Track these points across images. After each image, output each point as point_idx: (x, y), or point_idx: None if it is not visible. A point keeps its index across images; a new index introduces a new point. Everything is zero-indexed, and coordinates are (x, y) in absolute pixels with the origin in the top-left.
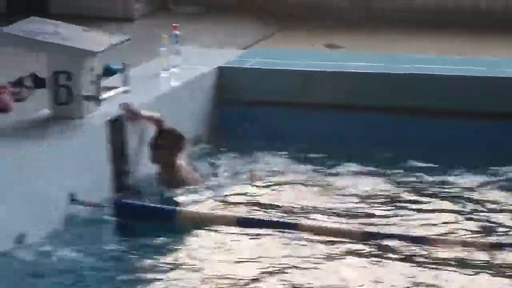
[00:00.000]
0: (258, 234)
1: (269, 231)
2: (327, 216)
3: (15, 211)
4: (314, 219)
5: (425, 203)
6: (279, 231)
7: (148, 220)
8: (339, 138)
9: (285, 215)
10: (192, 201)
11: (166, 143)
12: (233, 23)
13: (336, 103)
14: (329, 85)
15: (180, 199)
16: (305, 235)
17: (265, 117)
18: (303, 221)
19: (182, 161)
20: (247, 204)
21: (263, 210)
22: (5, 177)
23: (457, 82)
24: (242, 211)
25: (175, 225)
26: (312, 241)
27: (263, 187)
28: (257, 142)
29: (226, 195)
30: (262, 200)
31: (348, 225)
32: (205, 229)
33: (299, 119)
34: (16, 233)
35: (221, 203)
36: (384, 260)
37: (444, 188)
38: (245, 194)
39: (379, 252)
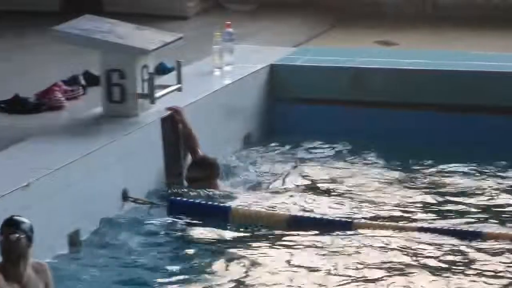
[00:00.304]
0: (311, 233)
1: (322, 229)
2: (381, 213)
3: (69, 208)
4: (367, 217)
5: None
6: (333, 230)
7: (201, 218)
8: (392, 135)
9: (338, 213)
10: (245, 200)
11: (201, 174)
12: (287, 20)
13: (388, 101)
14: (381, 82)
15: (232, 198)
16: (359, 233)
17: (317, 114)
18: (357, 219)
19: (219, 184)
20: (298, 201)
21: (315, 207)
22: (59, 176)
23: None
24: (294, 209)
25: (229, 223)
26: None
27: (315, 184)
28: (309, 138)
29: (278, 193)
30: (315, 197)
31: (403, 220)
32: (258, 227)
33: (351, 116)
34: (71, 230)
35: (273, 202)
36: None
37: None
38: (297, 191)
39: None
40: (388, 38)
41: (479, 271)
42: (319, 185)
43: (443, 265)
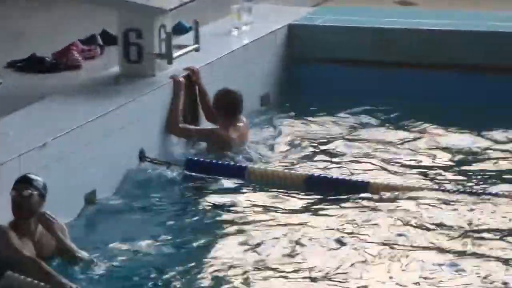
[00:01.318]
0: (327, 194)
1: (339, 190)
2: (398, 174)
3: (86, 168)
4: (384, 178)
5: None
6: (350, 190)
7: (218, 177)
8: (411, 95)
9: (356, 174)
10: (260, 160)
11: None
12: None
13: (407, 61)
14: (401, 42)
15: (248, 157)
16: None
17: (336, 74)
18: (374, 180)
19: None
20: (315, 161)
21: (332, 168)
22: (76, 136)
23: None
24: (311, 169)
25: (245, 181)
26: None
27: (332, 144)
28: (327, 99)
29: (295, 153)
30: (332, 157)
31: (418, 181)
32: (275, 186)
33: (371, 76)
34: (88, 189)
35: (289, 162)
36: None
37: None
38: (312, 152)
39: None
40: None
41: (497, 232)
42: (336, 145)
43: (461, 226)
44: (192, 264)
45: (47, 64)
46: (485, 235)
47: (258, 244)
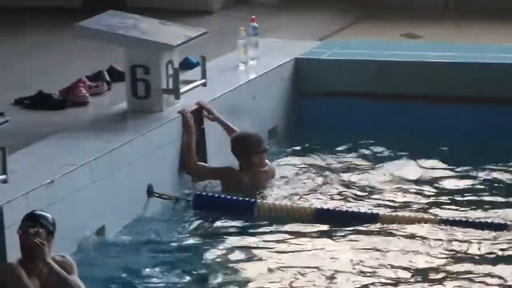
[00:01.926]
0: (338, 227)
1: (349, 222)
2: (405, 207)
3: (94, 205)
4: (392, 211)
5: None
6: (359, 223)
7: (227, 212)
8: (417, 128)
9: (364, 207)
10: (270, 195)
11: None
12: (312, 14)
13: (414, 93)
14: (406, 75)
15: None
16: (386, 226)
17: (343, 107)
18: (384, 212)
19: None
20: (324, 195)
21: (341, 201)
22: (84, 172)
23: None
24: (320, 203)
25: (254, 217)
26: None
27: (340, 178)
28: (334, 132)
29: (303, 187)
30: (340, 190)
31: (426, 213)
32: (285, 221)
33: (376, 109)
34: (96, 226)
35: (298, 196)
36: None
37: None
38: (321, 185)
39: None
40: (412, 31)
41: (504, 262)
42: (344, 179)
43: (469, 257)
44: None
45: (54, 101)
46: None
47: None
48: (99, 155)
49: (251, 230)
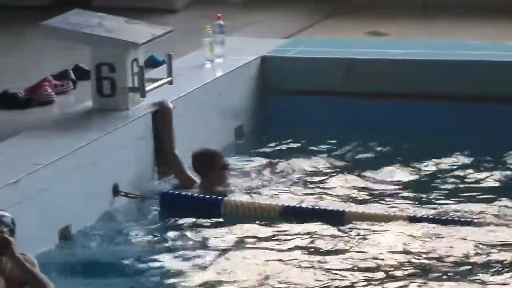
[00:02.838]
0: (304, 224)
1: (315, 220)
2: (373, 204)
3: (60, 204)
4: (359, 208)
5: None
6: (325, 220)
7: (194, 210)
8: (383, 127)
9: (331, 204)
10: (236, 193)
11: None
12: (278, 12)
13: (381, 91)
14: (373, 72)
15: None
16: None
17: (309, 105)
18: (350, 209)
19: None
20: (291, 193)
21: (308, 198)
22: (49, 171)
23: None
24: (286, 201)
25: (221, 216)
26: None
27: (307, 176)
28: (301, 130)
29: (270, 185)
30: (307, 188)
31: (392, 209)
32: (251, 219)
33: (343, 107)
34: (61, 225)
35: (265, 194)
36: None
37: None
38: (287, 184)
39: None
40: (378, 28)
41: (472, 259)
42: (311, 177)
43: (434, 255)
44: None
45: (19, 100)
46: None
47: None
48: (64, 154)
49: (217, 228)
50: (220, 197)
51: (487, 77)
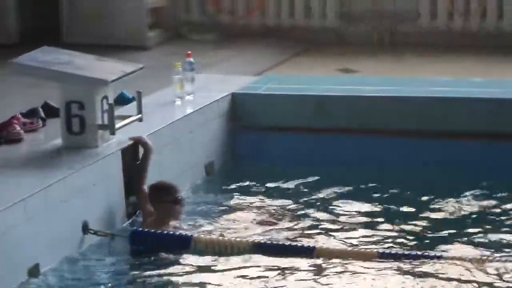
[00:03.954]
0: (274, 260)
1: (287, 256)
2: (345, 241)
3: (29, 242)
4: (330, 244)
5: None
6: (296, 256)
7: (164, 248)
8: (354, 162)
9: (301, 240)
10: (206, 228)
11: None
12: (249, 50)
13: (349, 127)
14: (343, 109)
15: (195, 225)
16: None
17: (279, 142)
18: (321, 245)
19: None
20: (261, 229)
21: (278, 235)
22: (18, 209)
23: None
24: (256, 237)
25: (190, 252)
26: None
27: (277, 212)
28: (271, 167)
29: (240, 221)
30: (278, 225)
31: (363, 247)
32: (222, 256)
33: (313, 143)
34: (30, 264)
35: (235, 230)
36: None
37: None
38: (259, 219)
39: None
40: (349, 66)
41: None
42: (282, 213)
43: None
44: None
45: None
46: None
47: None
48: (33, 192)
49: (187, 265)
50: (190, 234)
51: (456, 113)
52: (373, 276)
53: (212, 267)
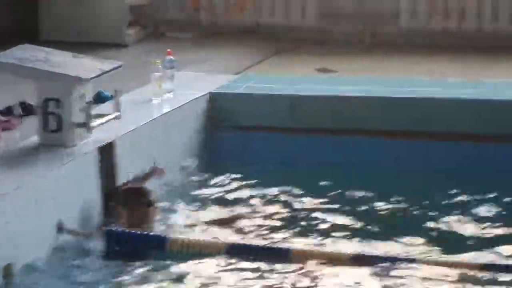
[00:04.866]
0: (249, 261)
1: (262, 257)
2: (321, 241)
3: (3, 241)
4: (305, 244)
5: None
6: (272, 257)
7: (139, 247)
8: (330, 162)
9: (278, 241)
10: (182, 229)
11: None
12: (229, 48)
13: (326, 127)
14: (319, 109)
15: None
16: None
17: (256, 141)
18: (296, 246)
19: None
20: (237, 229)
21: (255, 235)
22: None
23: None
24: (233, 237)
25: (166, 253)
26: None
27: (254, 211)
28: (249, 166)
29: (216, 221)
30: (255, 225)
31: (337, 248)
32: (196, 257)
33: (290, 143)
34: (4, 263)
35: (211, 230)
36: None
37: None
38: (235, 220)
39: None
40: (328, 65)
41: None
42: (258, 213)
43: None
44: None
45: None
46: None
47: None
48: (8, 191)
49: (163, 265)
50: (164, 235)
51: (435, 114)
52: (348, 278)
53: (187, 268)
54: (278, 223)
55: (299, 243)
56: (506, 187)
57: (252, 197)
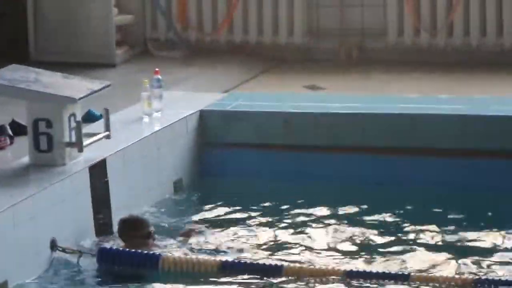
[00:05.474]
0: (243, 279)
1: (255, 274)
2: (312, 258)
3: None
4: (299, 262)
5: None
6: (264, 275)
7: (132, 266)
8: (321, 179)
9: (269, 258)
10: (175, 249)
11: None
12: (217, 67)
13: (317, 144)
14: (310, 126)
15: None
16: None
17: (247, 159)
18: (289, 264)
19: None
20: (229, 247)
21: (247, 252)
22: None
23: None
24: (225, 255)
25: (159, 271)
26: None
27: (246, 229)
28: (239, 184)
29: (208, 239)
30: (247, 243)
31: (330, 264)
32: (190, 276)
33: (280, 160)
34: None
35: (204, 248)
36: None
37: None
38: (227, 238)
39: None
40: (316, 83)
41: None
42: (250, 230)
43: None
44: None
45: None
46: None
47: None
48: (1, 210)
49: (156, 284)
50: (157, 253)
51: (422, 129)
52: None
53: (181, 286)
54: (271, 240)
55: (292, 260)
56: (495, 202)
57: (243, 213)
